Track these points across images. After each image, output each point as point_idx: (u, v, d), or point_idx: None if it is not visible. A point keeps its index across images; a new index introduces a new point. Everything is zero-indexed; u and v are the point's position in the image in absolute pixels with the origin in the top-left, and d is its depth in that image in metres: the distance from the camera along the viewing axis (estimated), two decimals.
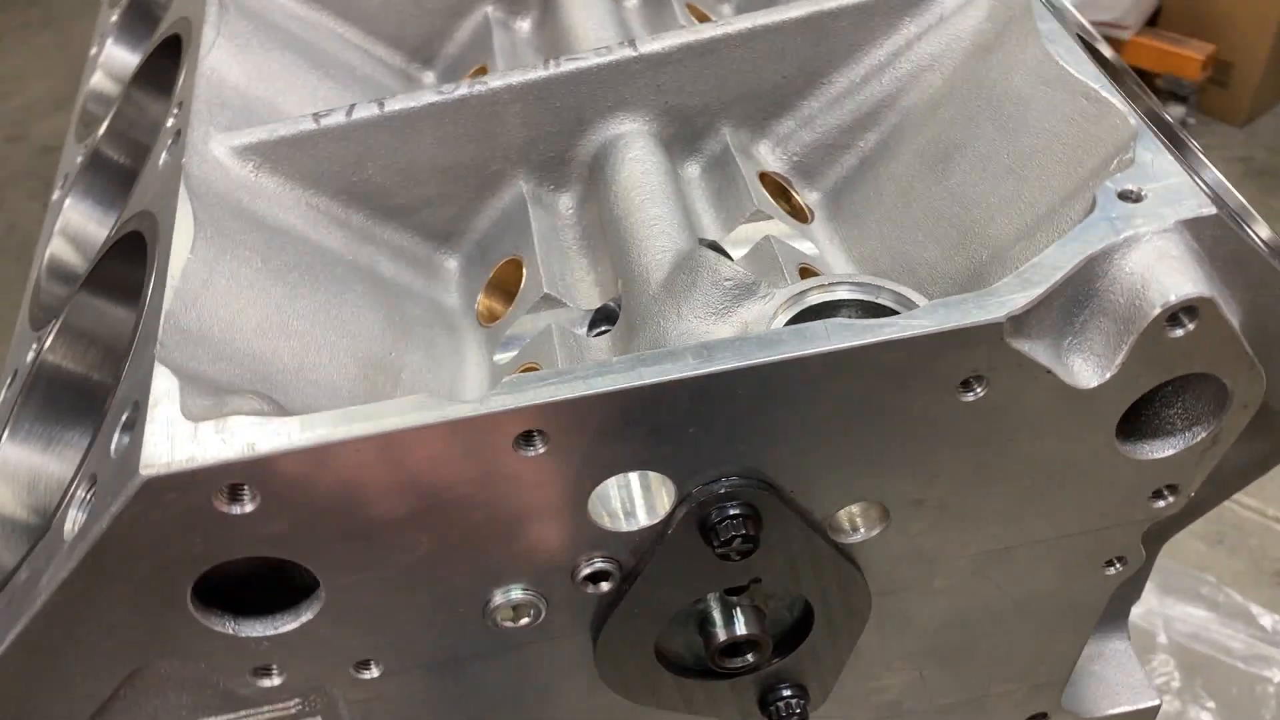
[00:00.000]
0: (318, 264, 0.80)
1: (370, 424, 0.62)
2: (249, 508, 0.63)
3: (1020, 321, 0.65)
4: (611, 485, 0.72)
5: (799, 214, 0.91)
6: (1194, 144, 0.95)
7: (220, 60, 0.88)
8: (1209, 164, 0.94)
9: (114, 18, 1.25)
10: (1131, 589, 0.98)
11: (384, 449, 0.62)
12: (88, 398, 0.89)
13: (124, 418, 0.66)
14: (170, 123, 0.86)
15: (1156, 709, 0.98)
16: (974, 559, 0.78)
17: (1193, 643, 2.59)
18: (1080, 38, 0.83)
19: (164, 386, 0.64)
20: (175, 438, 0.62)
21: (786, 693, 0.83)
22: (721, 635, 0.76)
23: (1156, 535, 0.91)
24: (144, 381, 0.66)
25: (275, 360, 0.72)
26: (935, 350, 0.65)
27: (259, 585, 0.71)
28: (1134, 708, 0.97)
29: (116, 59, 1.23)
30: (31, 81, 4.00)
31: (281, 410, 0.66)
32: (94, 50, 1.25)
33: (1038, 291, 0.65)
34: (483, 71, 1.04)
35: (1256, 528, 2.82)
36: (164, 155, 0.84)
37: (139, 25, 1.24)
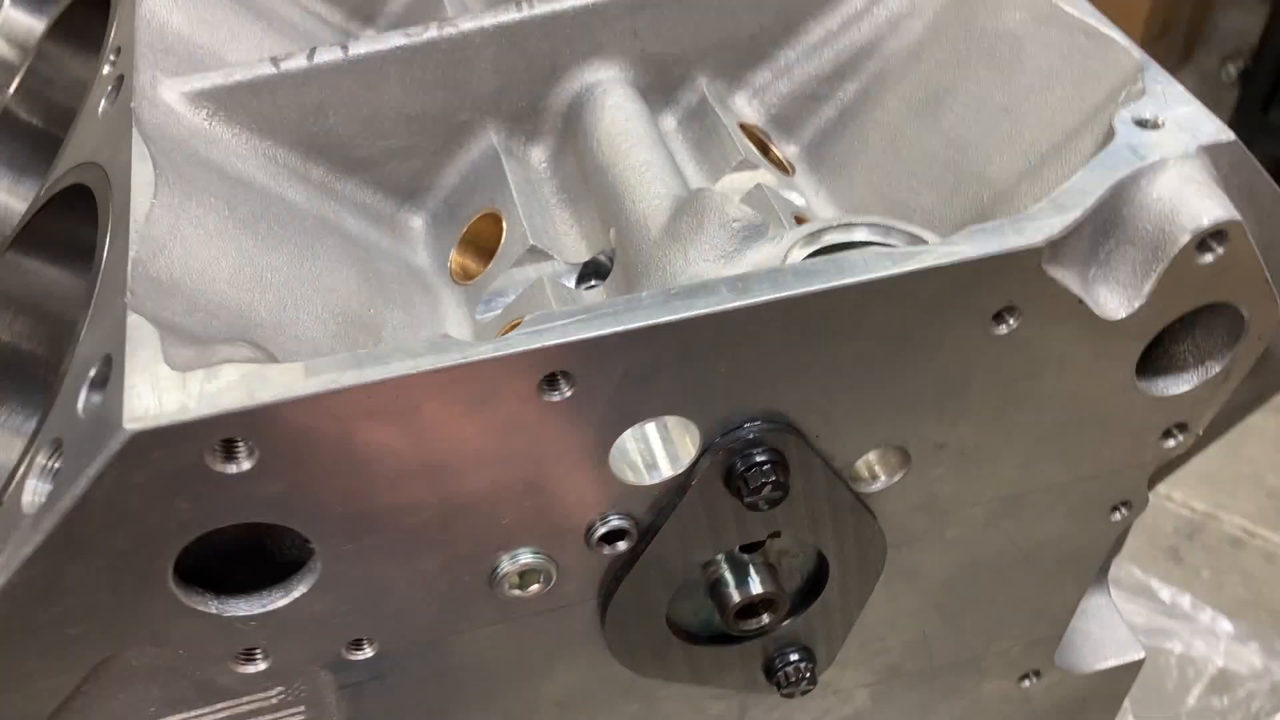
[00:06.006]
0: (285, 216, 0.74)
1: (383, 368, 0.56)
2: (245, 465, 0.56)
3: (1056, 248, 0.63)
4: (628, 437, 0.67)
5: (779, 168, 0.88)
6: None
7: (160, 5, 0.81)
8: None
9: None
10: (1117, 542, 0.97)
11: (398, 396, 0.56)
12: (16, 370, 0.81)
13: (92, 374, 0.59)
14: (108, 70, 0.78)
15: (1141, 662, 0.97)
16: (987, 506, 0.76)
17: None
18: None
19: (142, 335, 0.58)
20: (162, 388, 0.55)
21: (794, 657, 0.79)
22: (736, 596, 0.72)
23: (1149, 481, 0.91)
24: (114, 333, 0.59)
25: (253, 314, 0.66)
26: (973, 279, 0.62)
27: (235, 561, 0.65)
28: (1121, 661, 0.96)
29: (16, 21, 1.13)
30: None
31: (275, 359, 0.60)
32: None
33: (1073, 215, 0.63)
34: None
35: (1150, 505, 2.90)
36: (103, 103, 0.76)
37: None
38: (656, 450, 0.67)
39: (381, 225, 0.83)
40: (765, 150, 0.89)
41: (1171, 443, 0.76)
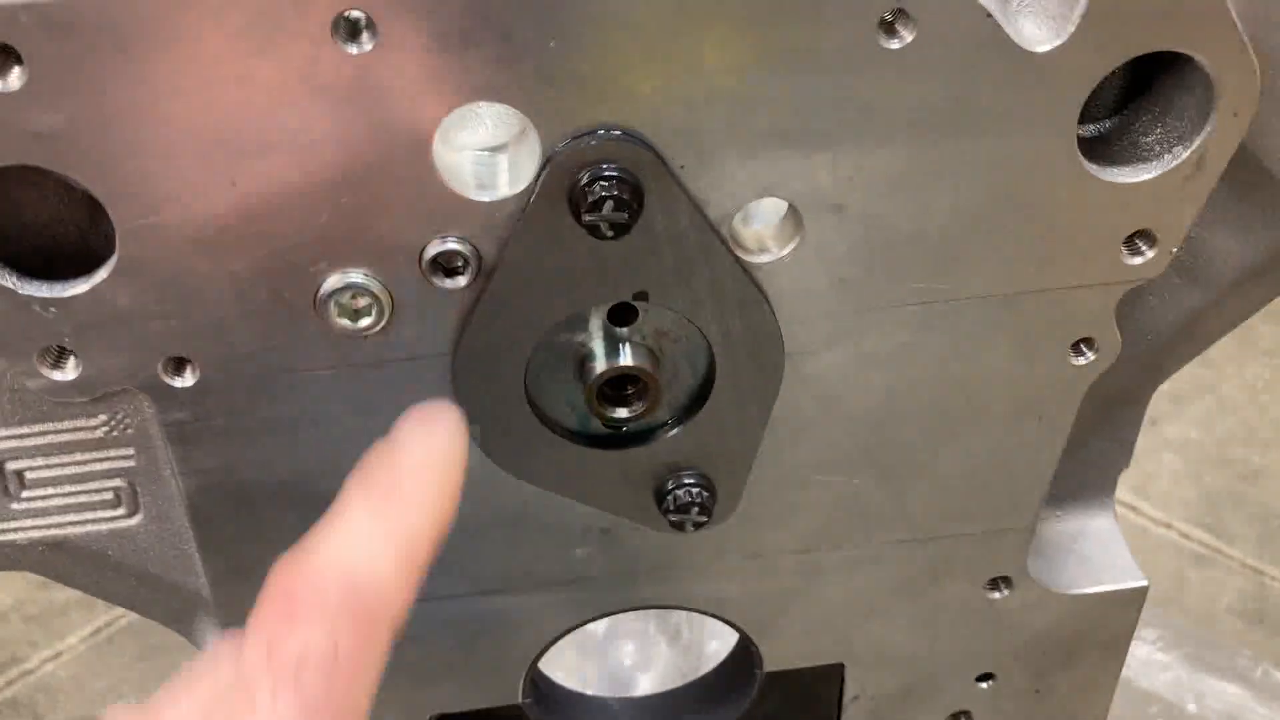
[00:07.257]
0: None
1: None
2: (14, 83, 0.53)
3: None
4: (468, 157, 0.61)
5: None
6: None
7: None
8: None
9: None
10: (1117, 451, 0.84)
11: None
12: None
13: None
14: None
15: (1143, 591, 0.83)
16: (910, 313, 0.66)
17: None
18: None
19: None
20: None
21: (688, 480, 0.70)
22: (601, 365, 0.64)
23: (1150, 367, 0.78)
24: None
25: None
26: None
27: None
28: (1117, 587, 0.82)
29: None
30: None
31: None
32: None
33: None
34: None
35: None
36: None
37: None
38: (499, 169, 0.61)
39: None
40: None
41: (1138, 260, 0.65)
